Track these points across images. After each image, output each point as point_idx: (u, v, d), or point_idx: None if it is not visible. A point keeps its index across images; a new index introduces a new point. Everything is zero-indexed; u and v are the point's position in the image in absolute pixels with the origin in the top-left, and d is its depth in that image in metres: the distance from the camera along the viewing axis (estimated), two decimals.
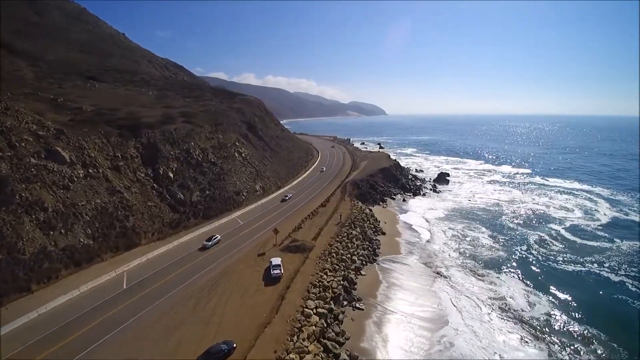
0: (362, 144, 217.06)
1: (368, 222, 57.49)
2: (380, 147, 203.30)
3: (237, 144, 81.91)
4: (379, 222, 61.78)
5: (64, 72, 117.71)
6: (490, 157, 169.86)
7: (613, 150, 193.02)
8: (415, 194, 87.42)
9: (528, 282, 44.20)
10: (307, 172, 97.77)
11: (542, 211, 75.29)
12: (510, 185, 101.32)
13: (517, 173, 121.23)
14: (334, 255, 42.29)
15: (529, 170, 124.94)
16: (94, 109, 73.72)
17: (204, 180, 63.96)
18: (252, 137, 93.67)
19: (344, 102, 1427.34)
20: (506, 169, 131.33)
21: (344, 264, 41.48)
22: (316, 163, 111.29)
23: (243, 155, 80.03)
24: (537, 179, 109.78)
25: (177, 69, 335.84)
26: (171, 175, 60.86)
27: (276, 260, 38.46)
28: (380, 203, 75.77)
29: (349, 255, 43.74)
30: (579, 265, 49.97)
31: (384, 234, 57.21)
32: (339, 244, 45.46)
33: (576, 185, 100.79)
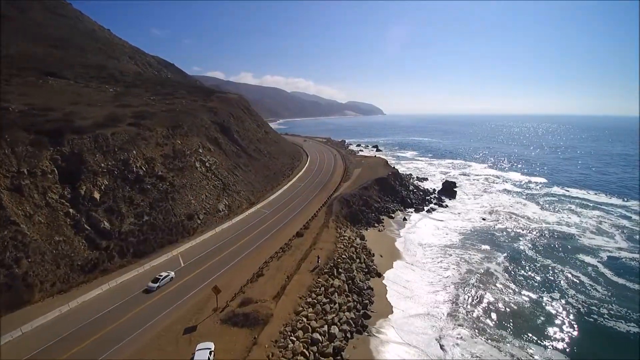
0: (358, 146, 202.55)
1: (358, 259, 42.68)
2: (377, 150, 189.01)
3: (201, 150, 66.86)
4: (373, 255, 47.13)
5: (22, 67, 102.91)
6: (496, 161, 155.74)
7: (629, 154, 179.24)
8: (418, 210, 72.73)
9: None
10: (292, 182, 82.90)
11: (572, 235, 60.62)
12: (526, 197, 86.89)
13: (530, 182, 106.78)
14: (301, 333, 27.41)
15: (543, 179, 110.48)
16: (24, 109, 59.07)
17: (143, 202, 48.87)
18: (224, 142, 78.66)
19: (342, 101, 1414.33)
20: (517, 176, 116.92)
21: (315, 347, 26.67)
22: (302, 171, 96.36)
23: (207, 164, 65.01)
24: (556, 190, 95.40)
25: (164, 67, 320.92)
26: (97, 196, 45.80)
27: (202, 353, 23.61)
28: (376, 225, 61.03)
29: (326, 328, 28.92)
30: (631, 324, 35.59)
31: (379, 275, 42.49)
32: (311, 308, 30.57)
33: (604, 198, 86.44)
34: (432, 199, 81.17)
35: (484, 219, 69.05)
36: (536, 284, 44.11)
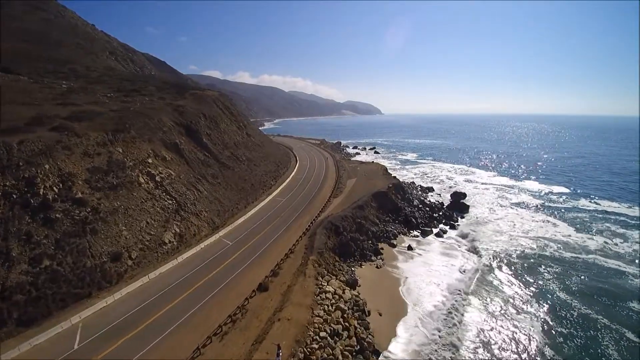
0: (355, 148, 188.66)
1: (346, 332, 28.65)
2: (375, 152, 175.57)
3: (151, 160, 52.72)
4: (369, 314, 33.31)
5: None
6: (504, 166, 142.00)
7: None
8: (425, 233, 58.91)
9: None
10: (272, 195, 68.91)
11: (623, 273, 46.46)
12: (552, 214, 73.14)
13: (550, 192, 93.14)
14: None
15: (564, 188, 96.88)
16: None
17: (46, 239, 34.68)
18: (188, 148, 64.57)
19: (340, 101, 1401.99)
20: (532, 184, 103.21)
21: None
22: (288, 180, 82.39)
23: (157, 178, 50.87)
24: (584, 203, 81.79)
25: (154, 64, 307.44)
26: None
27: None
28: (373, 258, 47.09)
29: None
30: None
31: (377, 353, 28.67)
32: None
33: None
34: (441, 217, 67.36)
35: (506, 247, 55.34)
36: (578, 353, 30.84)
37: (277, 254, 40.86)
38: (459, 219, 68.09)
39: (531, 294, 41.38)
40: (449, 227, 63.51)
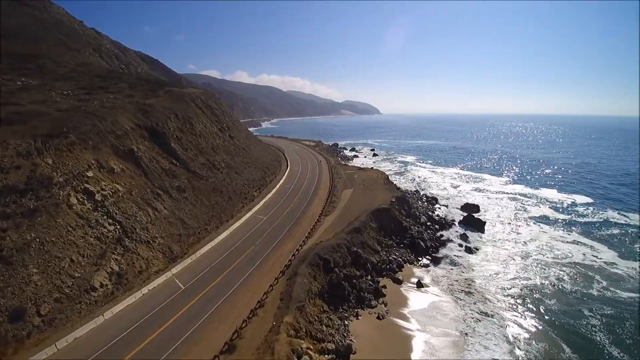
0: (352, 150, 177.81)
1: None
2: (374, 155, 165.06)
3: (92, 173, 41.70)
4: None
5: None
6: (514, 170, 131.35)
7: None
8: (436, 261, 48.21)
9: None
10: (253, 211, 58.09)
11: None
12: (581, 231, 62.49)
13: (573, 203, 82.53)
14: None
15: (587, 198, 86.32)
16: None
17: None
18: (149, 155, 53.66)
19: (338, 100, 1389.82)
20: (551, 193, 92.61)
21: None
22: (274, 191, 71.50)
23: (98, 197, 39.86)
24: (614, 215, 71.30)
25: (147, 62, 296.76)
26: None
27: None
28: (373, 302, 36.15)
29: None
30: None
31: None
32: None
33: None
34: (452, 236, 56.69)
35: (539, 280, 44.66)
36: None
37: (241, 307, 29.92)
38: (475, 240, 57.35)
39: (581, 351, 30.85)
40: (463, 249, 52.88)
